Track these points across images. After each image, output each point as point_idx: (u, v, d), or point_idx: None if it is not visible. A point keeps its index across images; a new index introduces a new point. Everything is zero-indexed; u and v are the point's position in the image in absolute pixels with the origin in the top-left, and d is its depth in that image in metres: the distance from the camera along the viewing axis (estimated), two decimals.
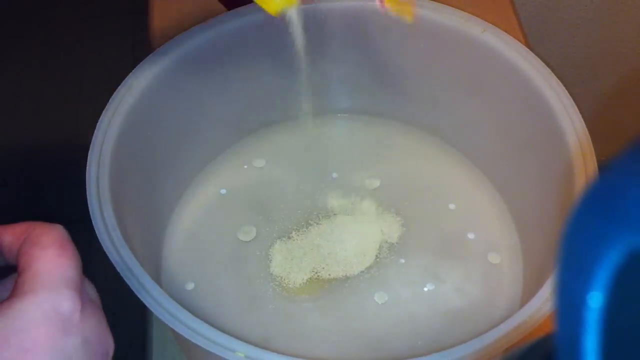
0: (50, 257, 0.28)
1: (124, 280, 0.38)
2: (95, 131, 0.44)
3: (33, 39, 0.65)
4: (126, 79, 0.46)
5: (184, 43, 0.49)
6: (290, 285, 0.50)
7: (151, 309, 0.37)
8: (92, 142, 0.43)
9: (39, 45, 0.64)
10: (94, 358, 0.29)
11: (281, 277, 0.51)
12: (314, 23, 0.52)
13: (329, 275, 0.51)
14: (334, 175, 0.57)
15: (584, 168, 0.43)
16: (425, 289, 0.50)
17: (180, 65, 0.49)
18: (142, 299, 0.37)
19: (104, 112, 0.45)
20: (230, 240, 0.53)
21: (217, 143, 0.57)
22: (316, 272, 0.51)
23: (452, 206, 0.55)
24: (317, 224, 0.53)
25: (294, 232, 0.53)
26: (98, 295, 0.32)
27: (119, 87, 0.46)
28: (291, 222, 0.54)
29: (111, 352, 0.31)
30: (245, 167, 0.57)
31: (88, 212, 0.40)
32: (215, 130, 0.56)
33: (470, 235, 0.53)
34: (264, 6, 0.42)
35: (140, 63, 0.47)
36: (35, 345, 0.27)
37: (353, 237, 0.53)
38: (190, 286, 0.50)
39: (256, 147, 0.58)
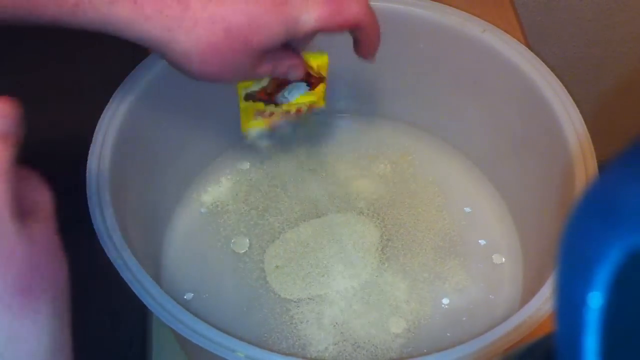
0: None
1: (124, 280, 0.38)
2: (95, 131, 0.44)
3: (33, 39, 0.65)
4: (126, 79, 0.46)
5: None
6: (287, 290, 0.50)
7: (151, 309, 0.37)
8: (92, 143, 0.43)
9: (40, 45, 0.64)
10: (37, 287, 0.24)
11: (278, 283, 0.50)
12: None
13: (327, 278, 0.51)
14: (333, 176, 0.57)
15: (584, 168, 0.43)
16: (426, 289, 0.50)
17: None
18: (142, 299, 0.37)
19: (104, 112, 0.45)
20: (225, 249, 0.52)
21: (216, 143, 0.57)
22: (312, 279, 0.51)
23: (452, 206, 0.55)
24: (317, 227, 0.53)
25: (292, 235, 0.53)
26: (53, 206, 0.27)
27: (119, 88, 0.46)
28: (289, 224, 0.54)
29: (62, 284, 0.26)
30: (243, 168, 0.57)
31: (88, 212, 0.40)
32: (214, 131, 0.56)
33: (469, 235, 0.53)
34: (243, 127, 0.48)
35: (140, 63, 0.47)
36: None
37: (352, 240, 0.53)
38: (189, 296, 0.50)
39: (255, 148, 0.58)
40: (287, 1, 0.39)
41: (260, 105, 0.48)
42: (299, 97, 0.48)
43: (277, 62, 0.42)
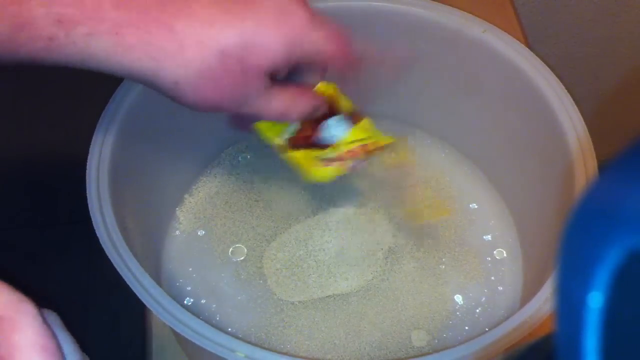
0: None
1: (124, 280, 0.38)
2: (95, 132, 0.44)
3: None
4: (125, 79, 0.46)
5: None
6: (289, 294, 0.50)
7: (151, 308, 0.37)
8: (92, 143, 0.43)
9: None
10: None
11: (279, 285, 0.50)
12: None
13: (329, 280, 0.51)
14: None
15: (584, 168, 0.43)
16: (440, 288, 0.50)
17: None
18: (142, 299, 0.37)
19: (103, 112, 0.45)
20: (224, 256, 0.52)
21: (218, 143, 0.57)
22: (312, 281, 0.51)
23: (453, 205, 0.55)
24: (319, 229, 0.53)
25: (291, 236, 0.53)
26: None
27: (118, 88, 0.46)
28: (288, 226, 0.54)
29: None
30: (243, 168, 0.57)
31: (88, 212, 0.40)
32: (216, 131, 0.56)
33: (470, 235, 0.53)
34: (307, 177, 0.45)
35: None
36: None
37: (352, 242, 0.53)
38: (188, 301, 0.50)
39: (255, 148, 0.58)
40: (290, 17, 0.36)
41: (315, 152, 0.45)
42: (350, 133, 0.46)
43: (292, 99, 0.39)
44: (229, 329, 0.48)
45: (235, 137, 0.58)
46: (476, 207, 0.55)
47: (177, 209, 0.54)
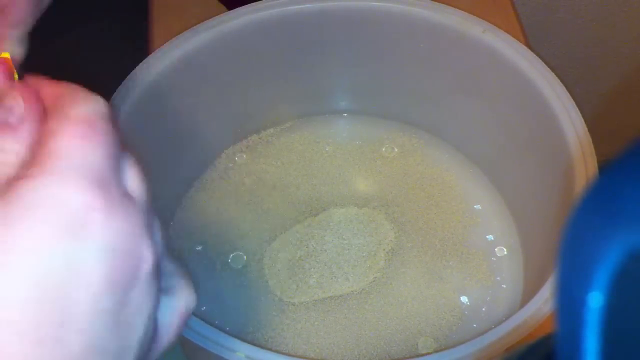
0: (70, 136, 0.22)
1: None
2: None
3: (33, 40, 0.65)
4: (126, 79, 0.46)
5: (184, 43, 0.49)
6: (291, 295, 0.50)
7: None
8: None
9: (39, 45, 0.64)
10: (117, 272, 0.22)
11: (281, 289, 0.50)
12: (314, 23, 0.52)
13: (330, 279, 0.51)
14: (334, 177, 0.57)
15: (584, 168, 0.43)
16: (426, 290, 0.50)
17: (180, 66, 0.49)
18: None
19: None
20: (224, 261, 0.52)
21: (216, 144, 0.57)
22: (314, 281, 0.51)
23: (454, 205, 0.55)
24: (319, 229, 0.53)
25: (291, 237, 0.53)
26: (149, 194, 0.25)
27: (118, 88, 0.46)
28: (287, 226, 0.54)
29: (146, 267, 0.23)
30: (242, 169, 0.57)
31: None
32: (215, 132, 0.56)
33: (474, 236, 0.53)
34: None
35: (140, 63, 0.47)
36: (19, 244, 0.20)
37: (352, 242, 0.53)
38: None
39: (255, 148, 0.58)
40: None
41: None
42: None
43: None
44: (229, 329, 0.48)
45: (228, 142, 0.58)
46: (480, 208, 0.55)
47: (169, 227, 0.54)
